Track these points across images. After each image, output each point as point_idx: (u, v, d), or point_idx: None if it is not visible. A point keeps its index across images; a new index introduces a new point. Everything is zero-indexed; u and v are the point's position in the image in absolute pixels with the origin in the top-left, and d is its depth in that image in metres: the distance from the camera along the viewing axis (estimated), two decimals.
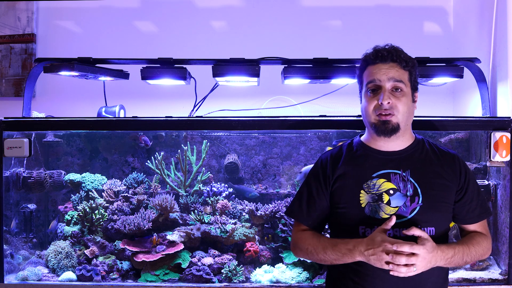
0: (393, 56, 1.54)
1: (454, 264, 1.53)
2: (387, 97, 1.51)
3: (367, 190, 1.56)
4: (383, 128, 1.53)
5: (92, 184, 2.60)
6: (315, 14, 2.95)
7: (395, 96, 1.52)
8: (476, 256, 1.56)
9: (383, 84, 1.53)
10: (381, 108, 1.52)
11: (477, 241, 1.58)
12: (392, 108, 1.52)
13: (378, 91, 1.54)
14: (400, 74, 1.53)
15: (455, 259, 1.51)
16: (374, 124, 1.55)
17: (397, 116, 1.52)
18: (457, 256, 1.51)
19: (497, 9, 2.27)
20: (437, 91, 2.60)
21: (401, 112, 1.52)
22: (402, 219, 1.53)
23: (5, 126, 2.17)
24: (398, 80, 1.52)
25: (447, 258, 1.48)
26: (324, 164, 1.65)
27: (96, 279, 2.23)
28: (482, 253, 1.59)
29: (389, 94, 1.52)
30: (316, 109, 2.65)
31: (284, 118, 2.18)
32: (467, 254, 1.53)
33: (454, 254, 1.50)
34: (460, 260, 1.53)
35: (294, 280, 2.21)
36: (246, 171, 2.75)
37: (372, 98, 1.55)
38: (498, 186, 2.20)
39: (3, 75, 2.97)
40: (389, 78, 1.52)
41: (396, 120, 1.53)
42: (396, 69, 1.53)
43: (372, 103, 1.54)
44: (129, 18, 2.99)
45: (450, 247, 1.50)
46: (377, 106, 1.53)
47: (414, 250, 1.41)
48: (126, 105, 2.63)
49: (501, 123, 2.10)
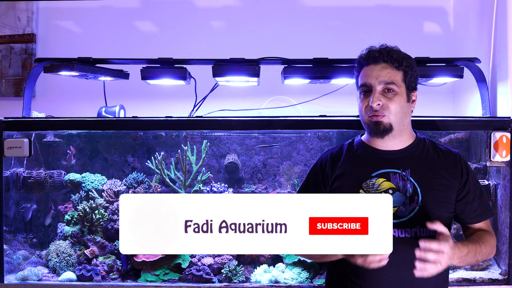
0: (385, 57, 1.53)
1: (466, 262, 1.50)
2: (376, 99, 1.52)
3: (366, 189, 1.56)
4: (375, 129, 1.54)
5: (92, 184, 2.60)
6: (315, 14, 2.95)
7: (386, 97, 1.52)
8: (486, 254, 1.55)
9: (374, 86, 1.53)
10: (372, 109, 1.53)
11: (485, 239, 1.57)
12: (384, 109, 1.52)
13: (369, 92, 1.55)
14: (391, 76, 1.53)
15: (468, 258, 1.48)
16: (367, 124, 1.57)
17: (389, 117, 1.52)
18: (470, 255, 1.48)
19: (497, 9, 2.27)
20: (437, 91, 2.60)
21: (393, 112, 1.52)
22: (401, 219, 1.53)
23: (5, 126, 2.17)
24: (388, 83, 1.52)
25: (462, 256, 1.45)
26: (323, 164, 1.66)
27: (96, 279, 2.23)
28: (490, 251, 1.57)
29: (380, 96, 1.52)
30: (316, 109, 2.65)
31: (284, 118, 2.18)
32: (479, 252, 1.51)
33: (468, 252, 1.47)
34: (473, 259, 1.50)
35: (294, 280, 2.21)
36: (246, 171, 2.75)
37: (364, 100, 1.56)
38: (498, 186, 2.20)
39: (3, 75, 2.97)
40: (380, 82, 1.52)
41: (387, 121, 1.52)
42: (388, 70, 1.53)
43: (364, 104, 1.56)
44: (129, 18, 2.99)
45: (464, 245, 1.48)
46: (368, 107, 1.54)
47: (442, 246, 1.35)
48: (126, 105, 2.63)
49: (501, 123, 2.10)
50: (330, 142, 2.70)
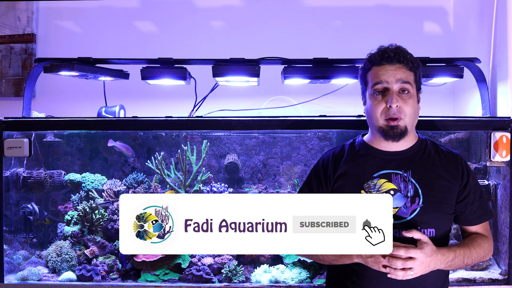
0: (400, 57, 1.51)
1: (454, 267, 1.51)
2: (396, 100, 1.48)
3: (368, 190, 1.55)
4: (391, 133, 1.51)
5: (92, 184, 2.60)
6: (315, 14, 2.95)
7: (402, 99, 1.50)
8: (477, 258, 1.55)
9: (390, 86, 1.50)
10: (389, 112, 1.50)
11: (478, 243, 1.57)
12: (400, 111, 1.49)
13: (385, 93, 1.51)
14: (407, 76, 1.51)
15: (456, 262, 1.49)
16: (382, 128, 1.52)
17: (405, 120, 1.50)
18: (458, 259, 1.49)
19: (497, 9, 2.27)
20: (437, 91, 2.60)
21: (408, 115, 1.50)
22: (402, 220, 1.53)
23: (5, 126, 2.17)
24: (405, 82, 1.50)
25: (448, 261, 1.46)
26: (325, 164, 1.65)
27: (96, 279, 2.23)
28: (483, 255, 1.57)
29: (397, 97, 1.49)
30: (316, 109, 2.65)
31: (284, 118, 2.18)
32: (468, 257, 1.52)
33: (454, 257, 1.48)
34: (461, 263, 1.51)
35: (294, 280, 2.21)
36: (246, 171, 2.75)
37: (380, 101, 1.51)
38: (498, 186, 2.20)
39: (3, 75, 2.97)
40: (397, 80, 1.50)
41: (404, 124, 1.50)
42: (403, 70, 1.51)
43: (379, 106, 1.51)
44: (129, 18, 2.99)
45: (450, 250, 1.48)
46: (385, 109, 1.51)
47: (411, 254, 1.39)
48: (126, 105, 2.63)
49: (501, 123, 2.10)
50: (330, 142, 2.70)
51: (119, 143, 2.56)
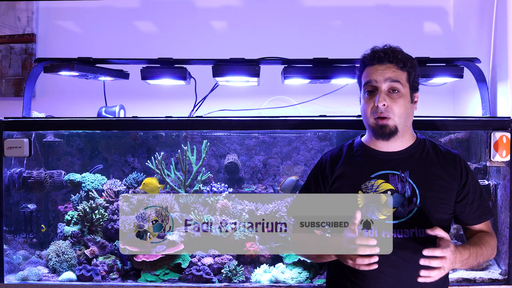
0: (390, 57, 1.53)
1: (468, 265, 1.50)
2: (382, 99, 1.50)
3: (365, 191, 1.56)
4: (380, 132, 1.53)
5: (92, 184, 2.60)
6: (315, 14, 2.95)
7: (392, 98, 1.51)
8: (487, 256, 1.55)
9: (379, 85, 1.52)
10: (377, 111, 1.52)
11: (486, 240, 1.57)
12: (388, 111, 1.51)
13: (374, 92, 1.53)
14: (397, 75, 1.52)
15: (470, 261, 1.48)
16: (372, 127, 1.56)
17: (394, 119, 1.51)
18: (472, 257, 1.49)
19: (497, 9, 2.27)
20: (437, 91, 2.60)
21: (397, 114, 1.51)
22: (399, 220, 1.53)
23: (5, 126, 2.17)
24: (394, 80, 1.51)
25: (463, 259, 1.46)
26: (323, 165, 1.66)
27: (96, 279, 2.23)
28: (491, 253, 1.57)
29: (385, 96, 1.51)
30: (316, 109, 2.65)
31: (284, 118, 2.18)
32: (480, 255, 1.52)
33: (469, 255, 1.48)
34: (474, 261, 1.50)
35: (294, 280, 2.21)
36: (246, 171, 2.75)
37: (369, 100, 1.54)
38: (498, 186, 2.20)
39: (3, 75, 2.97)
40: (386, 79, 1.51)
41: (393, 123, 1.52)
42: (393, 69, 1.52)
43: (369, 105, 1.54)
44: (129, 18, 2.99)
45: (465, 249, 1.48)
46: (373, 108, 1.53)
47: (445, 253, 1.36)
48: (126, 105, 2.63)
49: (501, 123, 2.10)
50: (330, 142, 2.70)
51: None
